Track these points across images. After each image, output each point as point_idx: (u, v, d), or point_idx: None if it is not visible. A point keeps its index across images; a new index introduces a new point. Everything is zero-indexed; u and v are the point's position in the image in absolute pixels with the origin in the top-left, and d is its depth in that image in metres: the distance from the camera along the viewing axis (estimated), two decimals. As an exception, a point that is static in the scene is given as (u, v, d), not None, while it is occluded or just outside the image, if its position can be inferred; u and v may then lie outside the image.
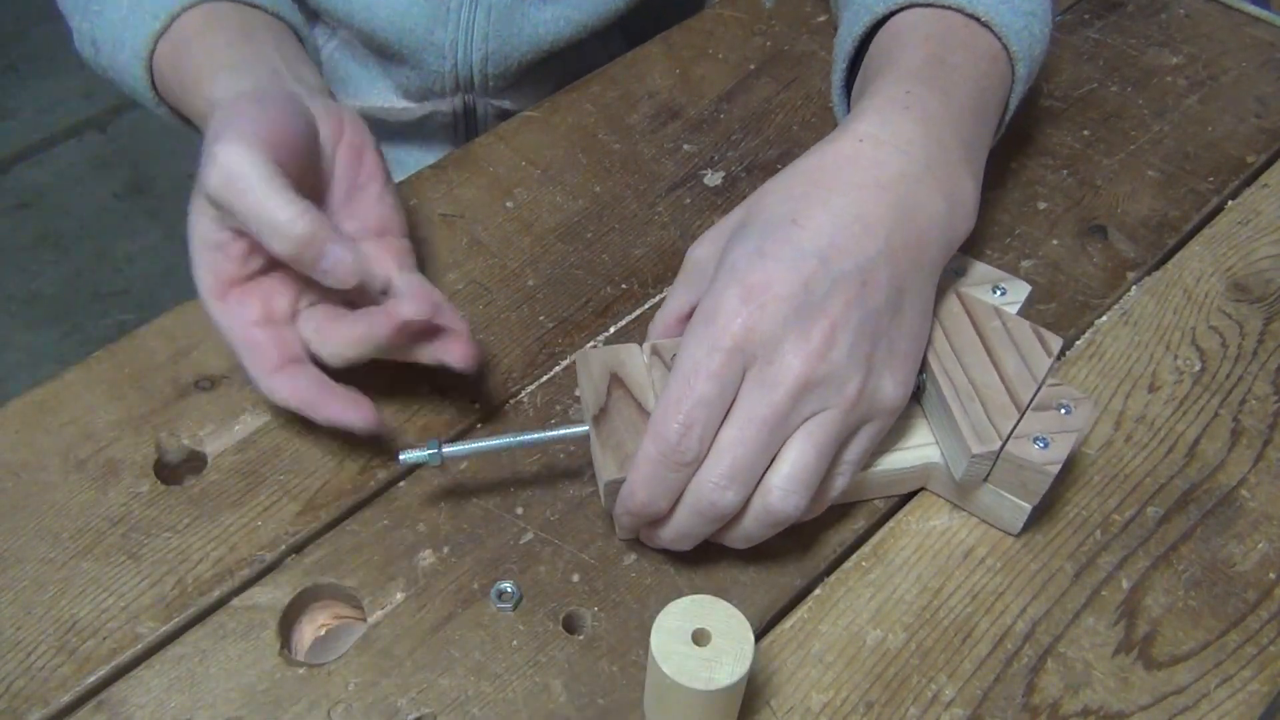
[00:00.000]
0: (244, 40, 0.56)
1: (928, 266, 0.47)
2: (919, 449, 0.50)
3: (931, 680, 0.45)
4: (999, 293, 0.52)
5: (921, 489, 0.51)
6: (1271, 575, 0.49)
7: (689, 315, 0.48)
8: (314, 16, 0.77)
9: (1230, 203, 0.64)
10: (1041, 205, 0.64)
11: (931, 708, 0.45)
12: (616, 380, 0.49)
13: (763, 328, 0.42)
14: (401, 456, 0.48)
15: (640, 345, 0.50)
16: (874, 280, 0.44)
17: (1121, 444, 0.53)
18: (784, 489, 0.43)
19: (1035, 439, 0.46)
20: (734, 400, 0.43)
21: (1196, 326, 0.58)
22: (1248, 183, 0.66)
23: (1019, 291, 0.53)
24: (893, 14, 0.56)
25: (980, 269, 0.53)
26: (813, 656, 0.46)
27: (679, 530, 0.45)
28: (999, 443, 0.46)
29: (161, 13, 0.57)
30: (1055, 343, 0.49)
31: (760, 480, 0.43)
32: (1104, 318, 0.59)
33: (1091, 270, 0.61)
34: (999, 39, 0.54)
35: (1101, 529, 0.50)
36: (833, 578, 0.49)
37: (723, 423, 0.43)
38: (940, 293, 0.51)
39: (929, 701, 0.45)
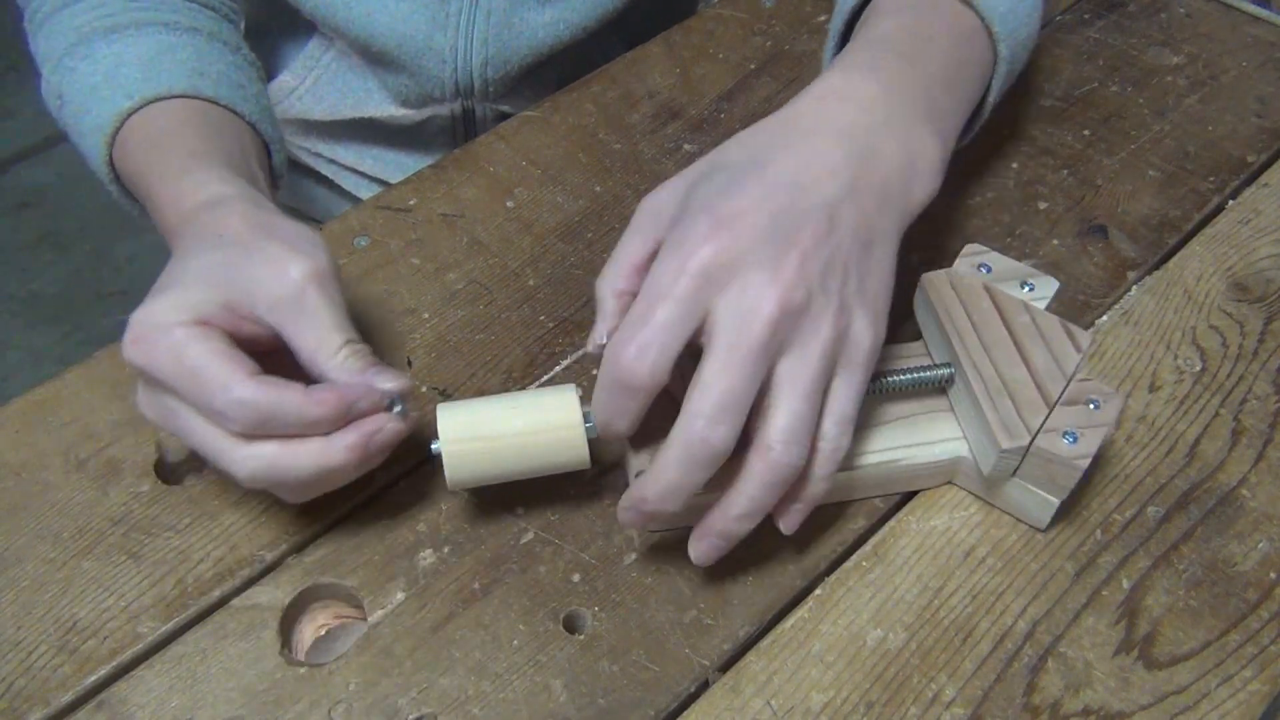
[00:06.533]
0: (214, 144, 0.55)
1: (892, 214, 0.47)
2: (946, 443, 0.50)
3: (932, 680, 0.45)
4: (1027, 288, 0.53)
5: (932, 487, 0.52)
6: (1272, 575, 0.49)
7: (646, 263, 0.46)
8: (310, 27, 0.77)
9: (1231, 202, 0.64)
10: (1042, 205, 0.64)
11: (932, 707, 0.45)
12: None
13: (732, 254, 0.42)
14: (434, 446, 0.47)
15: None
16: (840, 217, 0.44)
17: (1122, 443, 0.53)
18: (784, 441, 0.42)
19: (1064, 434, 0.46)
20: (701, 330, 0.42)
21: (1197, 326, 0.58)
22: (1248, 182, 0.65)
23: (1047, 287, 0.53)
24: None
25: (1007, 264, 0.54)
26: (813, 656, 0.46)
27: (670, 482, 0.42)
28: (1028, 438, 0.46)
29: (135, 94, 0.56)
30: (1084, 338, 0.49)
31: (755, 438, 0.43)
32: (1104, 317, 0.59)
33: (1092, 270, 0.61)
34: (981, 18, 0.55)
35: (1102, 529, 0.50)
36: (833, 577, 0.49)
37: (702, 355, 0.42)
38: (969, 288, 0.51)
39: (929, 701, 0.45)
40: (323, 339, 0.45)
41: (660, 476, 0.42)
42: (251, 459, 0.43)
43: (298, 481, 0.44)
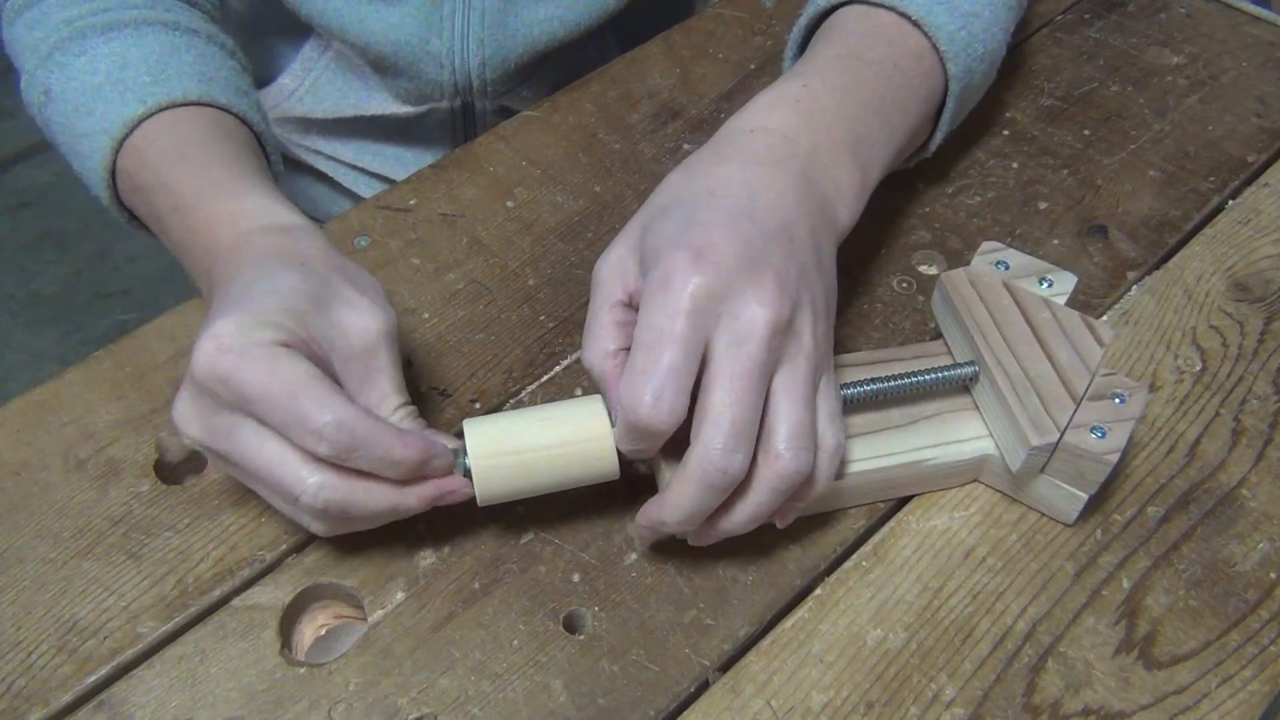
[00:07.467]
0: (252, 165, 0.54)
1: (828, 232, 0.49)
2: (974, 441, 0.50)
3: (932, 680, 0.45)
4: (1045, 284, 0.53)
5: (957, 485, 0.51)
6: (1272, 575, 0.49)
7: (624, 322, 0.46)
8: (307, 28, 0.77)
9: (1231, 202, 0.64)
10: (1042, 205, 0.64)
11: (932, 707, 0.45)
12: None
13: (719, 285, 0.43)
14: (465, 462, 0.46)
15: None
16: (798, 237, 0.46)
17: (1122, 444, 0.53)
18: (793, 448, 0.43)
19: (1092, 429, 0.46)
20: (704, 360, 0.43)
21: (1197, 326, 0.58)
22: (1248, 182, 0.65)
23: (1066, 282, 0.53)
24: (835, 8, 0.58)
25: (1025, 261, 0.54)
26: (813, 656, 0.46)
27: (689, 509, 0.43)
28: (1057, 434, 0.46)
29: (148, 99, 0.54)
30: (1107, 333, 0.49)
31: (761, 448, 0.43)
32: (1104, 317, 0.59)
33: (1092, 270, 0.61)
34: (928, 38, 0.56)
35: (1102, 529, 0.50)
36: (833, 578, 0.49)
37: (704, 385, 0.43)
38: (988, 285, 0.52)
39: (929, 701, 0.45)
40: (384, 398, 0.46)
41: (679, 504, 0.43)
42: (327, 488, 0.43)
43: (362, 516, 0.44)
